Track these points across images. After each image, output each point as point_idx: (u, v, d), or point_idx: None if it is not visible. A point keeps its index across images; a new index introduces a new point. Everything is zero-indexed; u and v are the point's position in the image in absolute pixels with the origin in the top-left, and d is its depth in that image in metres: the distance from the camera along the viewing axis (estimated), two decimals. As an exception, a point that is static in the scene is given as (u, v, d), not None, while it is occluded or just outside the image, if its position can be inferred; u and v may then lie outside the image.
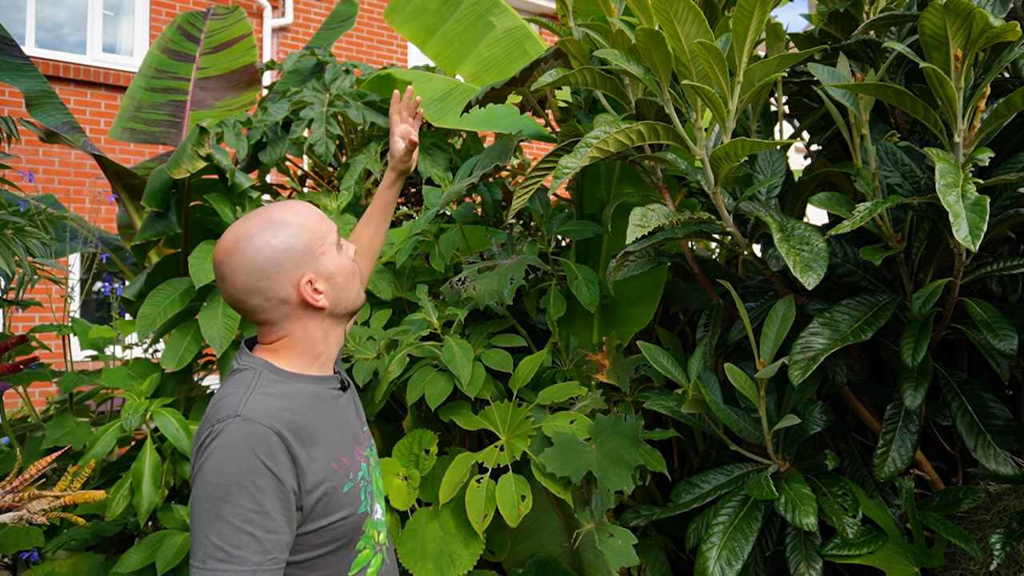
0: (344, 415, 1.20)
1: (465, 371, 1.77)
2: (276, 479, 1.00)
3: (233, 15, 3.72)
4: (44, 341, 2.68)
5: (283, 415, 1.05)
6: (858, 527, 1.60)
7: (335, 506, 1.08)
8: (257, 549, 0.99)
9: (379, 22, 7.91)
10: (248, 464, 1.00)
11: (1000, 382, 1.89)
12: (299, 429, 1.06)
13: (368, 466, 1.20)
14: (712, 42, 1.43)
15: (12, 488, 1.47)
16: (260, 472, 1.00)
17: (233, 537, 0.98)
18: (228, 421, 1.03)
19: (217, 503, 0.99)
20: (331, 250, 1.16)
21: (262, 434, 1.01)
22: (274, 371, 1.13)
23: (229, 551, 0.98)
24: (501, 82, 2.03)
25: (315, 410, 1.12)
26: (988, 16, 1.28)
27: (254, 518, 0.99)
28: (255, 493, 0.99)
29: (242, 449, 1.00)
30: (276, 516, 1.00)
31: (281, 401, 1.08)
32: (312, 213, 1.16)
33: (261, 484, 1.00)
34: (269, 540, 1.00)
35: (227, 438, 1.01)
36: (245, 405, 1.04)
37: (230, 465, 1.00)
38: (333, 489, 1.08)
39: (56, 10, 6.45)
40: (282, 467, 1.01)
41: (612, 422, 1.73)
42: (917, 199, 1.48)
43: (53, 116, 2.86)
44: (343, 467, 1.12)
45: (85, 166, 6.23)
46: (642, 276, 2.04)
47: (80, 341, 2.50)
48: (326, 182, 3.14)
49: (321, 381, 1.17)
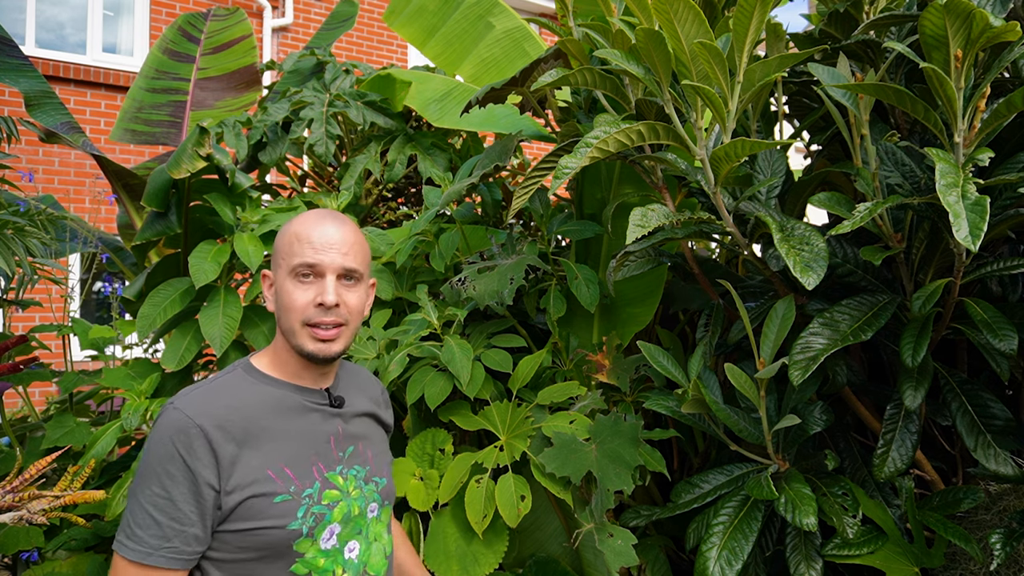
0: (315, 430, 1.16)
1: (465, 371, 1.77)
2: (189, 470, 1.03)
3: (233, 16, 3.72)
4: (44, 341, 2.68)
5: (217, 411, 1.07)
6: (858, 527, 1.60)
7: (260, 513, 1.06)
8: (156, 533, 1.02)
9: (379, 22, 7.91)
10: (165, 451, 1.04)
11: (1000, 382, 1.89)
12: (234, 428, 1.07)
13: (325, 488, 1.13)
14: (712, 42, 1.43)
15: (12, 488, 1.47)
16: (174, 460, 1.03)
17: (139, 516, 1.03)
18: (165, 409, 1.09)
19: (137, 483, 1.05)
20: (285, 269, 1.13)
21: (184, 425, 1.05)
22: (248, 370, 1.16)
23: (132, 530, 1.03)
24: (501, 82, 2.03)
25: (268, 414, 1.11)
26: (988, 16, 1.28)
27: (159, 502, 1.02)
28: (165, 479, 1.03)
29: (164, 437, 1.05)
30: (183, 507, 1.03)
31: (227, 399, 1.10)
32: (303, 227, 1.14)
33: (172, 472, 1.03)
34: (171, 528, 1.02)
35: (158, 424, 1.07)
36: (184, 396, 1.09)
37: (154, 449, 1.05)
38: (262, 495, 1.06)
39: (56, 10, 6.44)
40: (198, 461, 1.04)
41: (612, 422, 1.73)
42: (917, 199, 1.48)
43: (53, 116, 2.86)
44: (283, 476, 1.09)
45: (85, 166, 6.23)
46: (642, 276, 2.04)
47: (80, 341, 2.50)
48: (326, 182, 3.14)
49: (294, 390, 1.16)
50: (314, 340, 1.12)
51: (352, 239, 1.16)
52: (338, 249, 1.13)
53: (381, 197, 3.12)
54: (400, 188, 3.23)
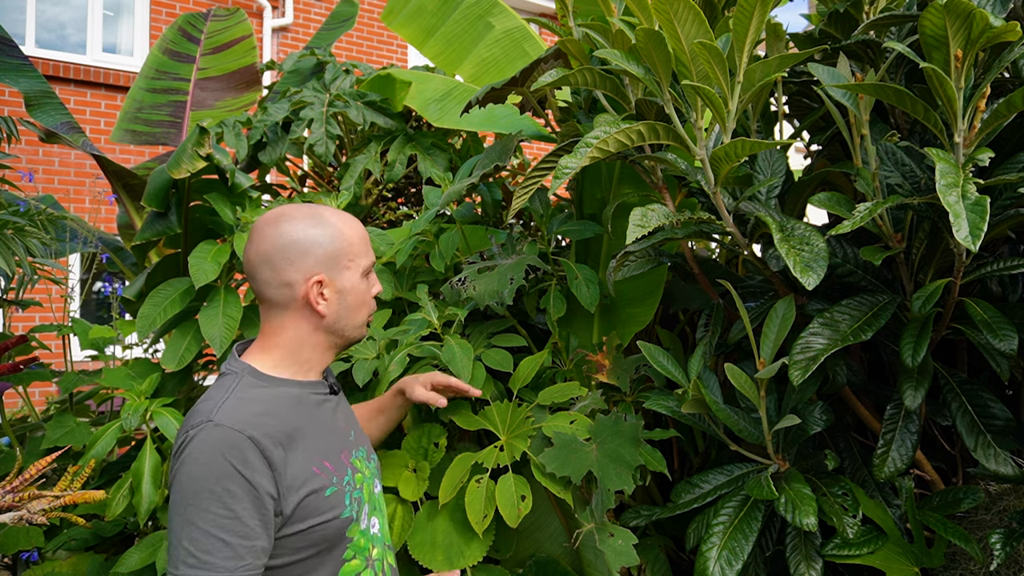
0: (330, 419, 1.18)
1: (465, 371, 1.77)
2: (249, 484, 1.00)
3: (234, 16, 3.72)
4: (44, 341, 2.67)
5: (258, 420, 1.05)
6: (858, 527, 1.60)
7: (316, 509, 1.07)
8: (229, 555, 0.98)
9: (379, 22, 7.90)
10: (220, 469, 0.99)
11: (1000, 382, 1.89)
12: (276, 433, 1.06)
13: (354, 472, 1.18)
14: (712, 42, 1.43)
15: (12, 488, 1.47)
16: (232, 477, 0.99)
17: (204, 543, 0.98)
18: (201, 427, 1.03)
19: (189, 508, 0.99)
20: (357, 271, 1.17)
21: (234, 439, 1.01)
22: (255, 375, 1.13)
23: (200, 557, 0.97)
24: (501, 82, 2.03)
25: (296, 413, 1.12)
26: (988, 16, 1.28)
27: (225, 523, 0.98)
28: (226, 498, 0.99)
29: (213, 455, 1.00)
30: (249, 522, 1.00)
31: (257, 406, 1.08)
32: (357, 231, 1.18)
33: (233, 489, 0.99)
34: (242, 546, 0.99)
35: (199, 444, 1.01)
36: (219, 411, 1.04)
37: (202, 470, 1.00)
38: (314, 492, 1.07)
39: (56, 10, 6.44)
40: (255, 472, 1.01)
41: (612, 422, 1.73)
42: (917, 199, 1.48)
43: (53, 116, 2.86)
44: (325, 471, 1.11)
45: (85, 166, 6.23)
46: (642, 276, 2.04)
47: (80, 341, 2.50)
48: (326, 182, 3.14)
49: (304, 386, 1.16)
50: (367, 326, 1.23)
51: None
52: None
53: (381, 197, 3.12)
54: (400, 188, 3.24)
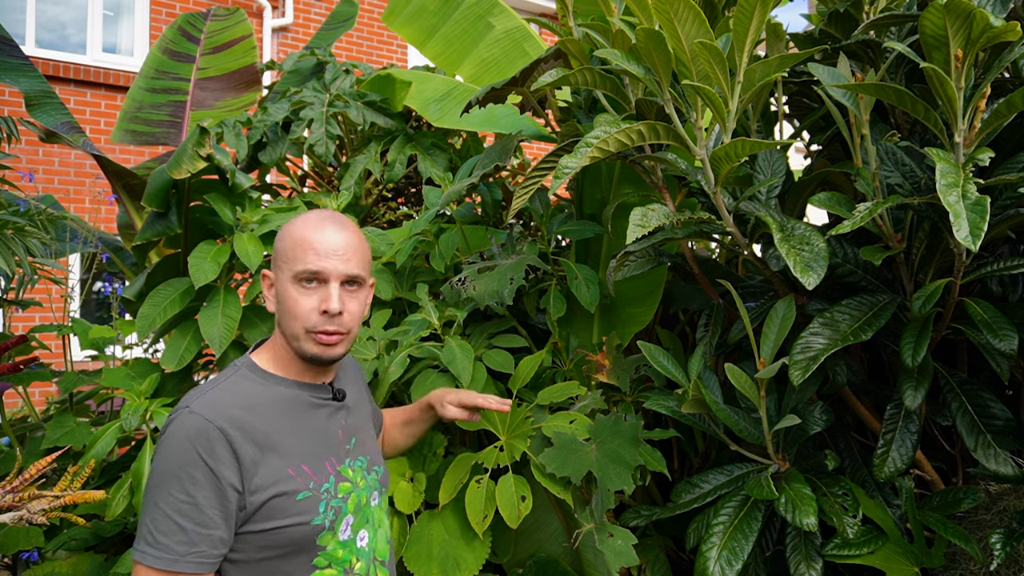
0: (322, 425, 1.17)
1: (466, 372, 1.77)
2: (212, 474, 1.01)
3: (234, 16, 3.72)
4: (44, 341, 2.67)
5: (234, 413, 1.06)
6: (858, 527, 1.60)
7: (283, 511, 1.07)
8: (182, 539, 1.00)
9: (379, 22, 7.91)
10: (185, 455, 1.02)
11: (1000, 382, 1.89)
12: (251, 429, 1.06)
13: (339, 481, 1.15)
14: (712, 42, 1.43)
15: (12, 488, 1.47)
16: (196, 464, 1.01)
17: (162, 523, 1.00)
18: (179, 412, 1.06)
19: (155, 490, 1.02)
20: (287, 273, 1.12)
21: (203, 428, 1.03)
22: (253, 369, 1.15)
23: (156, 537, 1.00)
24: (501, 82, 2.03)
25: (280, 414, 1.12)
26: (988, 16, 1.28)
27: (183, 508, 1.00)
28: (188, 484, 1.01)
29: (183, 441, 1.03)
30: (208, 511, 1.01)
31: (241, 399, 1.09)
32: (300, 234, 1.12)
33: (196, 476, 1.01)
34: (197, 533, 1.00)
35: (174, 429, 1.04)
36: (199, 399, 1.07)
37: (171, 455, 1.03)
38: (284, 494, 1.07)
39: (56, 10, 6.44)
40: (221, 463, 1.02)
41: (612, 422, 1.73)
42: (917, 199, 1.48)
43: (53, 116, 2.85)
44: (302, 474, 1.10)
45: (85, 166, 6.23)
46: (642, 276, 2.04)
47: (80, 341, 2.50)
48: (326, 182, 3.14)
49: (302, 387, 1.16)
50: (317, 344, 1.12)
51: (355, 243, 1.14)
52: (341, 256, 1.11)
53: (381, 197, 3.12)
54: (400, 188, 3.24)
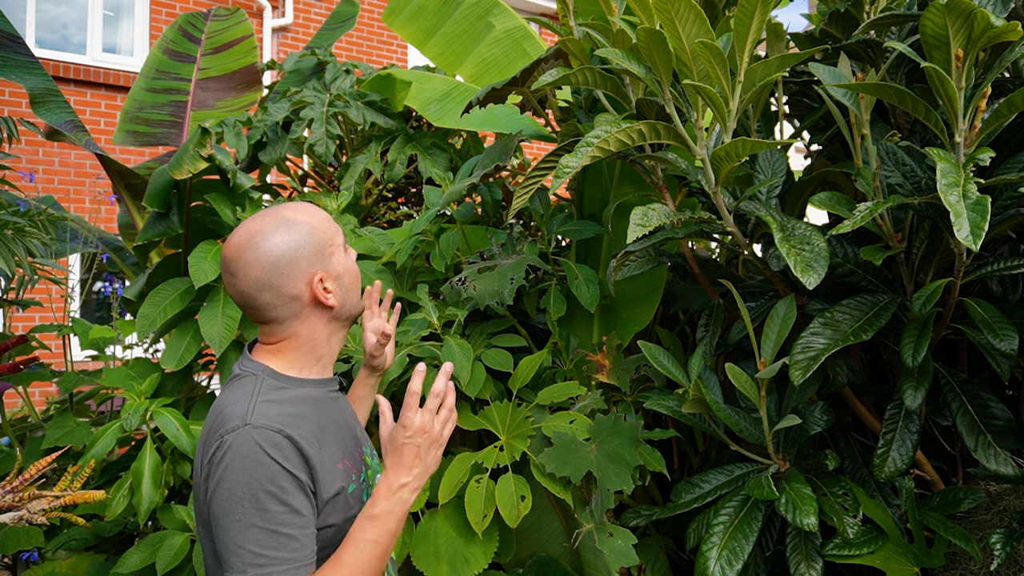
0: (344, 417, 1.20)
1: (465, 371, 1.77)
2: (295, 479, 1.02)
3: (234, 16, 3.72)
4: (44, 341, 2.67)
5: (288, 420, 1.05)
6: (858, 527, 1.60)
7: (343, 507, 1.09)
8: (296, 547, 1.00)
9: (379, 22, 7.91)
10: (269, 469, 1.00)
11: (1000, 382, 1.89)
12: (305, 432, 1.06)
13: (367, 469, 1.19)
14: (713, 42, 1.43)
15: (12, 488, 1.47)
16: (282, 475, 1.01)
17: (270, 541, 0.99)
18: (238, 431, 1.02)
19: (247, 511, 0.99)
20: (339, 251, 1.18)
21: (275, 439, 1.02)
22: (275, 376, 1.12)
23: (269, 555, 0.99)
24: (501, 82, 2.03)
25: (318, 413, 1.12)
26: (989, 16, 1.28)
27: (287, 519, 1.00)
28: (282, 496, 1.00)
29: (258, 455, 1.00)
30: (306, 512, 1.02)
31: (285, 407, 1.08)
32: (320, 214, 1.17)
33: (285, 486, 1.01)
34: (305, 536, 1.01)
35: (241, 448, 1.01)
36: (253, 413, 1.04)
37: (250, 473, 1.00)
38: (342, 490, 1.09)
39: (57, 10, 6.45)
40: (298, 468, 1.02)
41: (612, 422, 1.73)
42: (918, 199, 1.48)
43: (57, 114, 2.85)
44: (347, 469, 1.12)
45: (85, 166, 6.23)
46: (642, 276, 2.04)
47: (80, 341, 2.50)
48: (326, 182, 3.14)
49: (320, 384, 1.17)
50: None
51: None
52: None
53: (381, 197, 3.12)
54: (400, 188, 3.24)
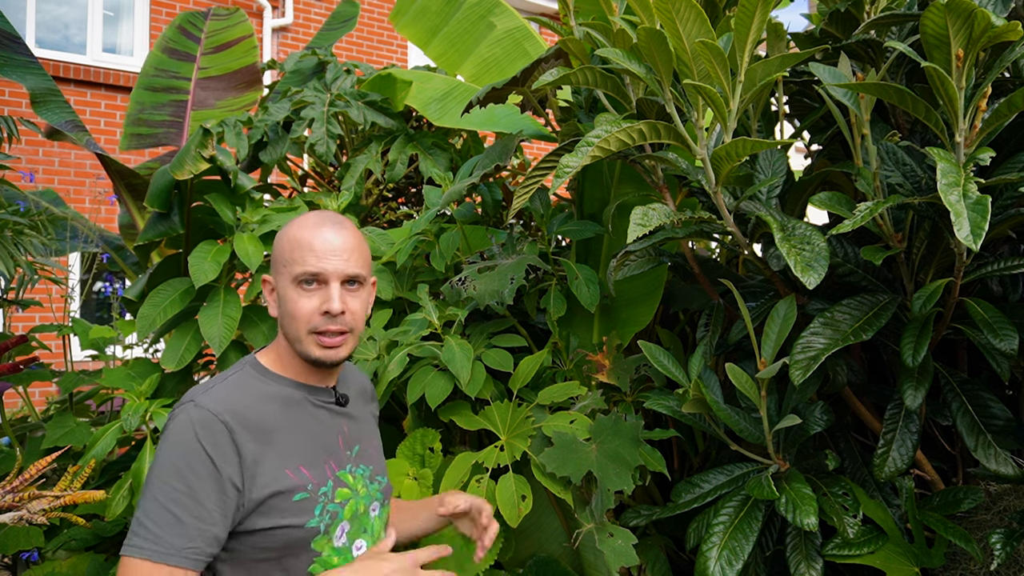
0: (323, 427, 1.16)
1: (465, 371, 1.77)
2: (214, 467, 1.00)
3: (234, 16, 3.72)
4: (44, 341, 2.67)
5: (238, 409, 1.05)
6: (858, 527, 1.60)
7: (278, 511, 1.05)
8: (179, 532, 0.97)
9: (379, 22, 7.92)
10: (188, 447, 1.00)
11: (1000, 382, 1.89)
12: (253, 425, 1.05)
13: (338, 486, 1.14)
14: (714, 41, 1.43)
15: (12, 488, 1.47)
16: (199, 456, 1.00)
17: (158, 515, 0.97)
18: (183, 406, 1.05)
19: (153, 482, 1.00)
20: (287, 276, 1.11)
21: (207, 420, 1.02)
22: (257, 368, 1.15)
23: (151, 529, 0.97)
24: (502, 82, 2.03)
25: (282, 413, 1.11)
26: (990, 16, 1.28)
27: (182, 499, 0.98)
28: (188, 475, 0.99)
29: (186, 433, 1.01)
30: (208, 504, 0.99)
31: (245, 397, 1.08)
32: (299, 235, 1.11)
33: (196, 468, 0.99)
34: (194, 527, 0.98)
35: (178, 422, 1.03)
36: (204, 394, 1.06)
37: (173, 446, 1.01)
38: (281, 493, 1.06)
39: (57, 10, 6.45)
40: (223, 457, 1.01)
41: (612, 422, 1.73)
42: (918, 199, 1.48)
43: (57, 114, 2.85)
44: (300, 475, 1.09)
45: (85, 166, 6.23)
46: (642, 276, 2.04)
47: (80, 341, 2.50)
48: (327, 182, 3.15)
49: (302, 388, 1.16)
50: (320, 347, 1.11)
51: (353, 243, 1.14)
52: (340, 255, 1.11)
53: (382, 197, 3.12)
54: (401, 188, 3.24)
